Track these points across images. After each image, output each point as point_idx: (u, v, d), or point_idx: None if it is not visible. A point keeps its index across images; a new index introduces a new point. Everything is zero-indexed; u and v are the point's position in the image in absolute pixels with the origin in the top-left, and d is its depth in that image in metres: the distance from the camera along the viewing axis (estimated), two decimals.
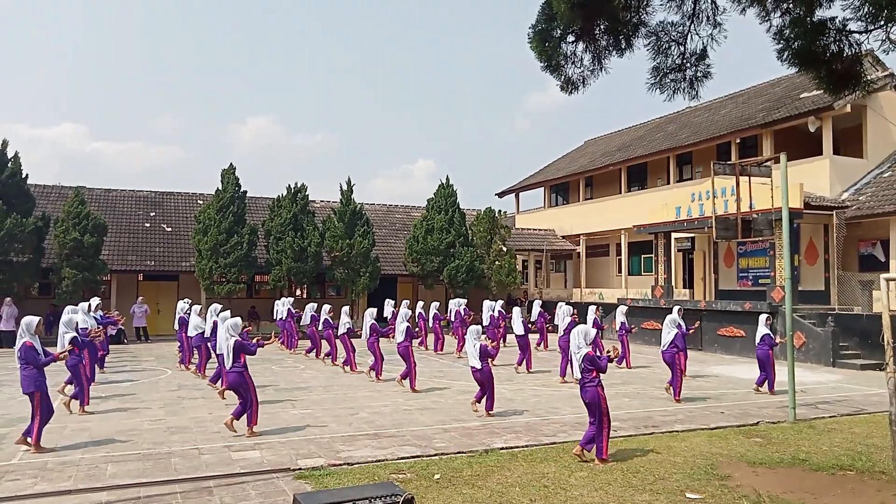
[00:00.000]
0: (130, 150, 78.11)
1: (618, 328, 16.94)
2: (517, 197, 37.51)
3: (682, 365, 12.26)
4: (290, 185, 26.81)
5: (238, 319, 9.64)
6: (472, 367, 10.43)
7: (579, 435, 8.96)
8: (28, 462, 7.70)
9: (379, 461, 7.83)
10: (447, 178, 28.96)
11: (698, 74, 6.16)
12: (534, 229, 33.84)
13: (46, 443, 8.43)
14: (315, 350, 18.43)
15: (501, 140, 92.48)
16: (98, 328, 13.19)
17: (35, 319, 8.56)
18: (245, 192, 25.68)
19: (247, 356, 9.32)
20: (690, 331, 15.20)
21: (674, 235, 24.49)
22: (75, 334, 10.62)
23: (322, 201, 31.85)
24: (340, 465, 7.64)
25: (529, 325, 17.08)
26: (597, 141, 37.85)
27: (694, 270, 26.54)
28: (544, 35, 5.76)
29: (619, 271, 29.80)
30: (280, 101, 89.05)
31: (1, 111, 75.85)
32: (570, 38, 5.86)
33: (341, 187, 26.77)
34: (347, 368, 15.63)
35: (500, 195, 38.23)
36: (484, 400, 10.52)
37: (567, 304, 16.61)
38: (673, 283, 24.29)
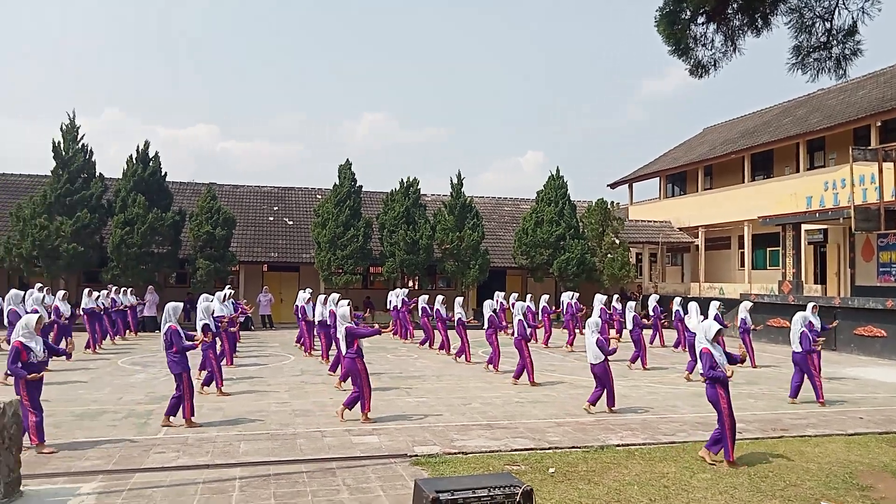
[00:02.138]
0: (256, 148, 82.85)
1: (739, 325, 16.08)
2: (630, 188, 36.37)
3: (815, 365, 11.41)
4: (402, 180, 27.40)
5: (346, 309, 9.68)
6: (590, 363, 10.23)
7: (700, 435, 8.64)
8: (172, 437, 8.37)
9: (493, 452, 7.87)
10: (557, 170, 28.47)
11: (846, 52, 5.64)
12: (648, 221, 32.71)
13: (180, 420, 9.11)
14: (428, 341, 18.77)
15: (614, 130, 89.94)
16: (234, 315, 14.35)
17: (180, 305, 9.27)
18: (360, 186, 26.54)
19: (360, 343, 9.43)
20: (828, 329, 14.13)
21: (804, 227, 22.85)
22: (208, 321, 11.22)
23: (433, 195, 32.33)
24: (455, 453, 7.75)
25: (644, 321, 16.61)
26: (716, 128, 35.97)
27: (826, 264, 24.70)
28: (672, 17, 5.50)
29: (742, 265, 28.23)
30: (394, 97, 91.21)
31: (142, 114, 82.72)
32: (701, 19, 5.56)
33: (451, 181, 27.12)
34: (462, 359, 15.81)
35: (613, 186, 37.20)
36: (604, 397, 10.27)
37: (689, 299, 15.99)
38: (803, 279, 22.70)
